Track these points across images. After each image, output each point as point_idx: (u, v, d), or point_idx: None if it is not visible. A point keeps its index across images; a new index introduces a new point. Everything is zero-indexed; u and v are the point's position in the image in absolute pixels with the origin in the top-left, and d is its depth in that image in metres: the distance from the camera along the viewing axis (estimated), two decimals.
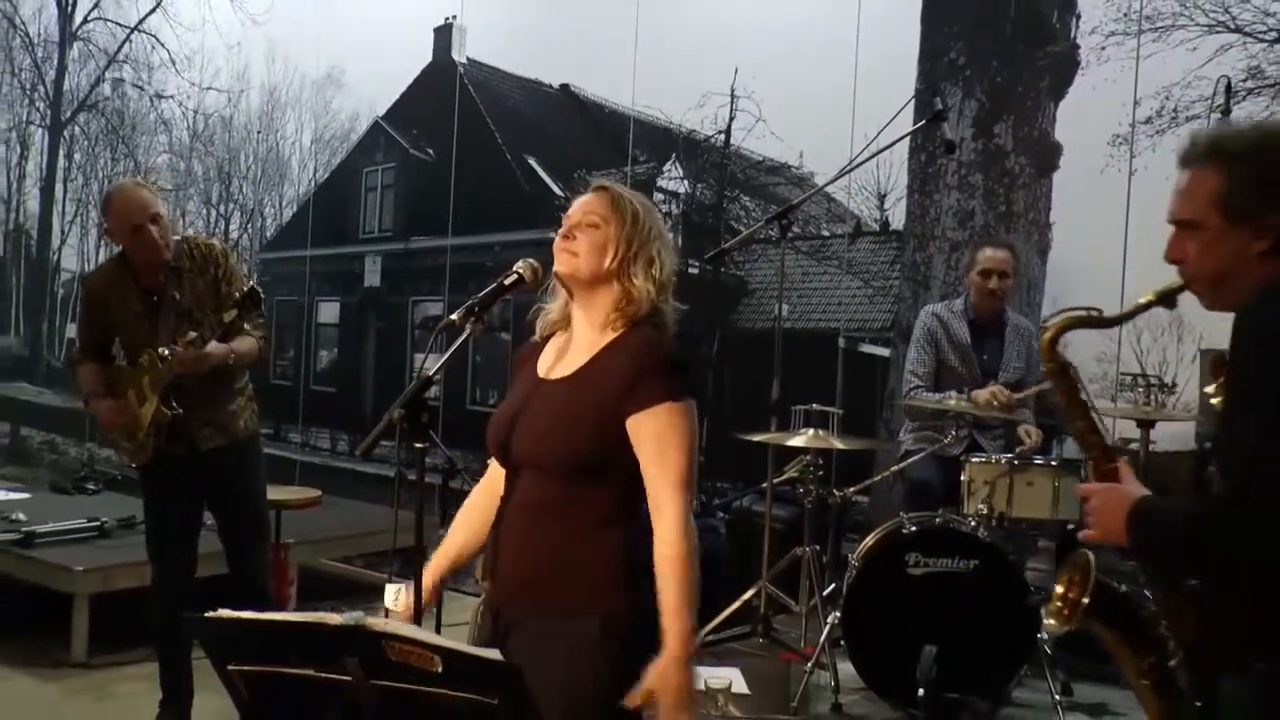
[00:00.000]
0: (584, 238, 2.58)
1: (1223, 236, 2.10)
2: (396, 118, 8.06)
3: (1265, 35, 4.97)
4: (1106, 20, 5.36)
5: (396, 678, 2.04)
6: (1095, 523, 2.18)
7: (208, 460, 4.53)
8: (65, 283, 10.59)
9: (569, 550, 2.51)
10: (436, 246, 7.58)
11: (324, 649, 2.07)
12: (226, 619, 2.16)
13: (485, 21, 7.55)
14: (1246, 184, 2.08)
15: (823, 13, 6.06)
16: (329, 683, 2.09)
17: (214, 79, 9.33)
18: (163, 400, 4.37)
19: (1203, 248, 2.13)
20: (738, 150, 6.44)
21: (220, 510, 4.71)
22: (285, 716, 2.21)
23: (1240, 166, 2.10)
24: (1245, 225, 2.08)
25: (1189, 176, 2.16)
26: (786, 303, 5.45)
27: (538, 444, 2.56)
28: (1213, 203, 2.10)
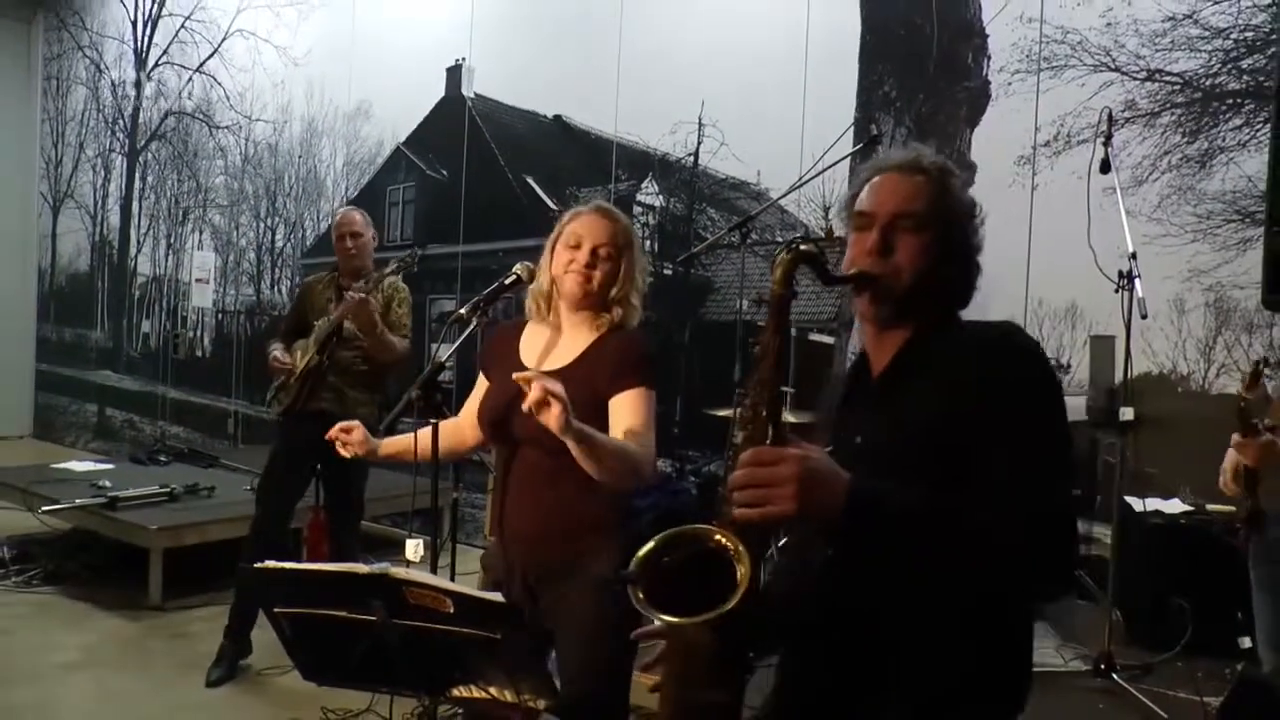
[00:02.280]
0: (601, 270, 2.59)
1: (937, 244, 1.79)
2: (415, 144, 8.05)
3: (1138, 74, 4.99)
4: (1012, 61, 5.37)
5: (415, 618, 2.06)
6: (791, 495, 1.51)
7: (325, 424, 4.53)
8: (141, 285, 10.58)
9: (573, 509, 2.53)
10: (450, 252, 7.57)
11: (354, 594, 2.09)
12: (273, 569, 2.18)
13: (490, 62, 7.56)
14: (963, 212, 1.84)
15: (776, 53, 6.06)
16: (358, 622, 2.10)
17: (262, 112, 9.33)
18: (318, 349, 4.54)
19: (922, 247, 1.78)
20: (704, 170, 6.44)
21: (327, 486, 4.80)
22: (322, 650, 2.22)
23: (960, 192, 1.83)
24: (950, 246, 1.80)
25: (913, 180, 1.81)
26: (746, 299, 5.46)
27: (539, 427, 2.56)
28: (938, 212, 1.80)
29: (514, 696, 2.09)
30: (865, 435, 1.83)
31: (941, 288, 1.81)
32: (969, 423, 1.64)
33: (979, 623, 1.67)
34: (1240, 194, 4.64)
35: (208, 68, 9.82)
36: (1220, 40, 4.80)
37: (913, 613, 1.66)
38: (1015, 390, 1.65)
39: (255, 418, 9.11)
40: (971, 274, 1.85)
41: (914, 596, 1.63)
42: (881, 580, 1.65)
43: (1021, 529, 1.55)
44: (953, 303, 1.84)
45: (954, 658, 1.68)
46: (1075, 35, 5.16)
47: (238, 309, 9.61)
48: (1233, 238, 4.62)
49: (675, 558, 1.66)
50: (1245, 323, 4.60)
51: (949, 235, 1.80)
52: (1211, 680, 3.83)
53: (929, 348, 1.79)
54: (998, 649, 1.72)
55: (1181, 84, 4.90)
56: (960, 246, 1.82)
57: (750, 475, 1.55)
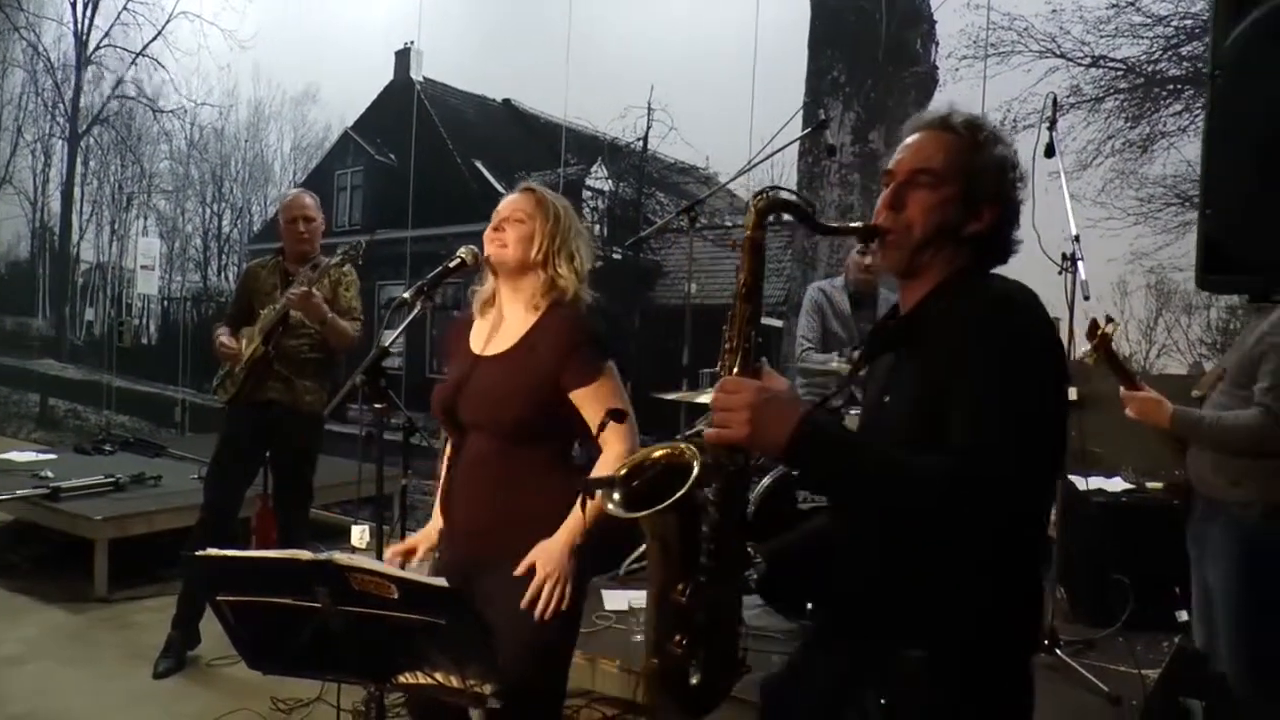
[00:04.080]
0: (512, 231, 2.60)
1: (952, 201, 1.81)
2: (363, 128, 7.99)
3: (1082, 61, 5.06)
4: (960, 47, 5.42)
5: (360, 604, 2.05)
6: (745, 421, 1.64)
7: (274, 413, 4.59)
8: (84, 272, 10.43)
9: (518, 499, 2.53)
10: (398, 237, 7.54)
11: (298, 581, 2.08)
12: (216, 556, 2.17)
13: (439, 45, 7.51)
14: (987, 166, 1.82)
15: (725, 38, 6.06)
16: (303, 610, 2.10)
17: (208, 96, 9.21)
18: (263, 339, 4.50)
19: (929, 203, 1.82)
20: (654, 154, 6.45)
21: (276, 469, 4.78)
22: (267, 639, 2.21)
23: (991, 149, 1.84)
24: (971, 204, 1.82)
25: (936, 136, 1.85)
26: (695, 282, 5.47)
27: (482, 411, 2.57)
28: (957, 168, 1.82)
29: (460, 682, 2.09)
30: (890, 394, 1.89)
31: (961, 242, 1.83)
32: (950, 385, 1.69)
33: (986, 570, 1.70)
34: (1180, 178, 4.72)
35: (151, 51, 9.67)
36: (1161, 27, 4.88)
37: (919, 560, 1.70)
38: (982, 354, 1.67)
39: (203, 406, 9.02)
40: (1003, 229, 1.86)
41: (918, 545, 1.67)
42: (888, 532, 1.72)
43: (936, 489, 1.58)
44: (983, 256, 1.86)
45: (963, 604, 1.71)
46: (1022, 22, 5.22)
47: (184, 296, 9.50)
48: (1173, 221, 4.70)
49: (645, 479, 1.87)
50: (1185, 304, 4.69)
51: (972, 191, 1.82)
52: (1150, 653, 3.91)
53: (943, 304, 1.81)
54: (1006, 595, 1.75)
55: (1124, 70, 4.97)
56: (988, 201, 1.82)
57: (715, 401, 1.70)
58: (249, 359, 4.51)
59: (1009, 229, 1.87)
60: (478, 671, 2.07)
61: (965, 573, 1.69)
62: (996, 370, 1.65)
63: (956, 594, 1.71)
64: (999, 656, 1.77)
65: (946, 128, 1.85)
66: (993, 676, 1.76)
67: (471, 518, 2.60)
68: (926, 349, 1.78)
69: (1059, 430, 1.71)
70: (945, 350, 1.72)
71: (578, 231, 2.68)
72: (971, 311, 1.73)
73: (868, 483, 1.64)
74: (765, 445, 1.67)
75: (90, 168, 10.37)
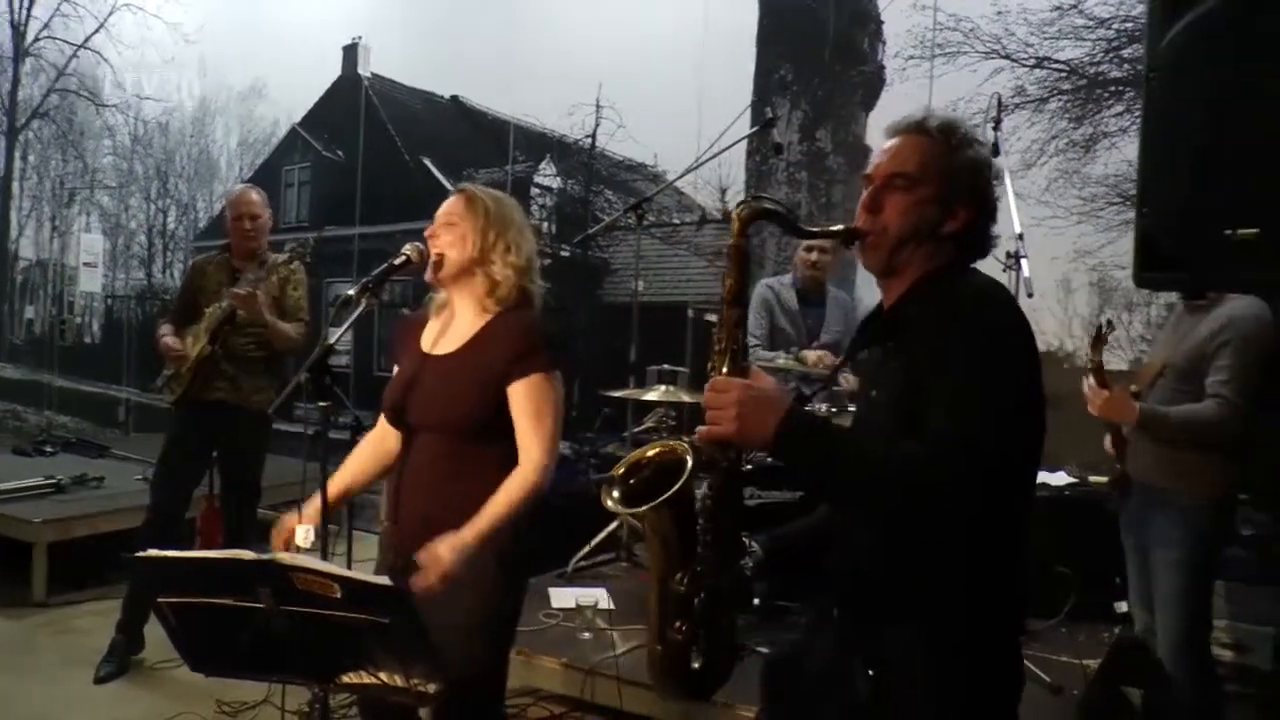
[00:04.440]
0: (444, 235, 2.60)
1: (928, 202, 1.87)
2: (311, 124, 7.92)
3: (1027, 62, 5.13)
4: (907, 47, 5.47)
5: (303, 603, 2.03)
6: (734, 417, 1.72)
7: (221, 413, 4.52)
8: (24, 269, 10.24)
9: (462, 500, 2.51)
10: (346, 235, 7.49)
11: (240, 581, 2.06)
12: (156, 557, 2.14)
13: (387, 41, 7.47)
14: (965, 167, 1.89)
15: (673, 36, 6.08)
16: (245, 610, 2.08)
17: (152, 90, 9.07)
18: (210, 339, 4.42)
19: (906, 205, 1.87)
20: (602, 152, 6.45)
21: (223, 469, 4.71)
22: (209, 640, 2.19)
23: (966, 151, 1.90)
24: (946, 204, 1.87)
25: (912, 140, 1.91)
26: (643, 280, 5.48)
27: (430, 410, 2.56)
28: (934, 168, 1.87)
29: (404, 681, 2.08)
30: (877, 389, 1.96)
31: (939, 241, 1.88)
32: (928, 381, 1.74)
33: (970, 553, 1.75)
34: (1122, 177, 4.79)
35: (93, 43, 9.53)
36: (1103, 30, 4.95)
37: (905, 543, 1.78)
38: (957, 349, 1.73)
39: (148, 406, 8.90)
40: (979, 226, 1.91)
41: (902, 530, 1.76)
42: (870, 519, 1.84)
43: (910, 478, 1.66)
44: (961, 253, 1.91)
45: (947, 585, 1.77)
46: (968, 23, 5.27)
47: (128, 294, 9.37)
48: (1115, 219, 4.78)
49: (641, 476, 1.95)
50: (1126, 301, 4.77)
51: (947, 192, 1.87)
52: (1091, 644, 3.98)
53: (922, 301, 1.86)
54: (990, 577, 1.80)
55: (1068, 71, 5.04)
56: (963, 202, 1.88)
57: (706, 400, 1.78)
58: (195, 359, 4.45)
59: (985, 226, 1.93)
60: (422, 671, 2.05)
61: (949, 555, 1.75)
62: (970, 364, 1.71)
63: (941, 575, 1.77)
64: (984, 635, 1.81)
65: (922, 131, 1.91)
66: (978, 654, 1.81)
67: (417, 517, 2.59)
68: (907, 345, 1.84)
69: (1033, 419, 1.77)
70: (923, 347, 1.78)
71: (513, 223, 2.66)
72: (948, 308, 1.78)
73: (847, 473, 1.71)
74: (753, 439, 1.74)
75: (30, 162, 10.19)
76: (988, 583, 1.80)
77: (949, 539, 1.72)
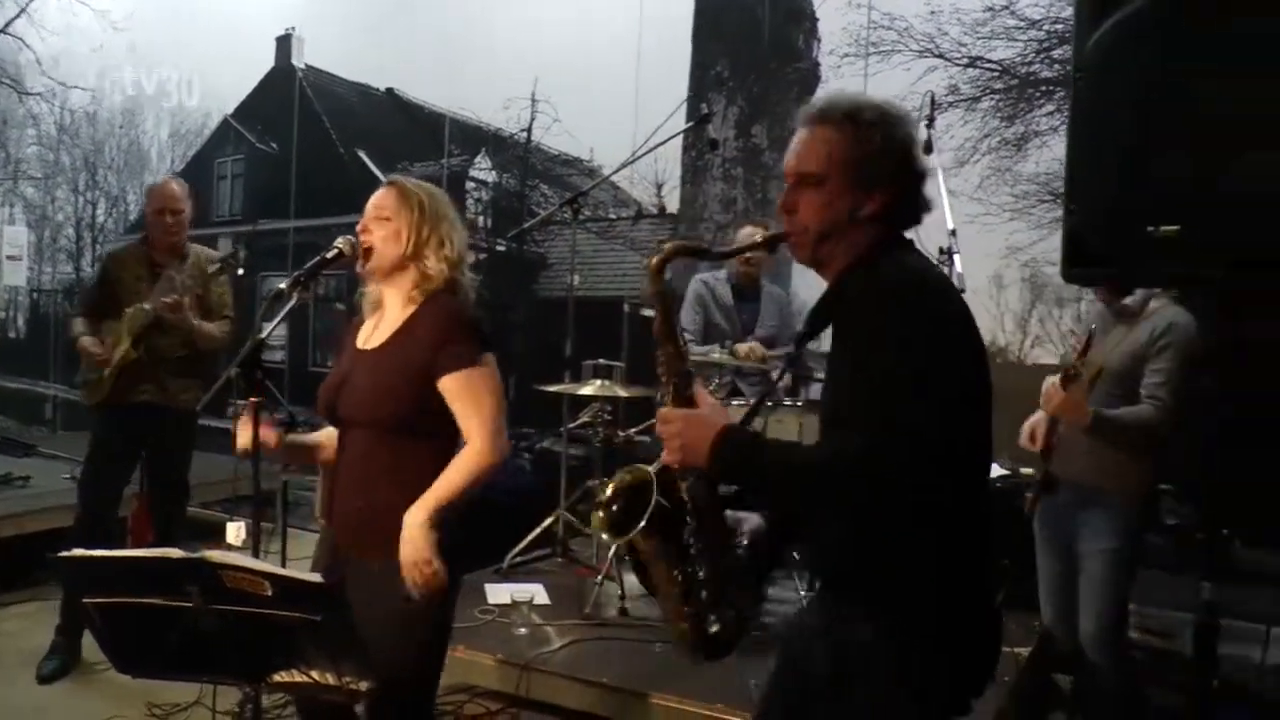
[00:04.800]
0: (377, 230, 2.56)
1: (839, 195, 1.87)
2: (244, 116, 7.83)
3: (960, 61, 5.20)
4: (842, 45, 5.51)
5: (233, 602, 2.00)
6: (678, 447, 1.81)
7: (147, 414, 4.39)
8: None
9: (396, 497, 2.48)
10: (281, 228, 7.40)
11: (169, 580, 2.02)
12: (81, 556, 2.09)
13: (321, 32, 7.39)
14: (870, 151, 1.86)
15: (609, 32, 6.08)
16: (174, 610, 2.04)
17: (79, 78, 8.87)
18: (133, 343, 4.28)
19: (818, 203, 1.88)
20: (538, 146, 6.45)
21: (150, 469, 4.58)
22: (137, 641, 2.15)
23: (867, 133, 1.86)
24: (860, 188, 1.86)
25: (815, 133, 1.90)
26: (578, 274, 5.47)
27: (360, 406, 2.53)
28: (836, 161, 1.87)
29: (336, 679, 2.06)
30: (827, 377, 2.01)
31: (859, 225, 1.88)
32: (847, 374, 1.82)
33: (926, 539, 1.80)
34: (1052, 176, 4.87)
35: (14, 28, 9.29)
36: (1034, 31, 5.03)
37: (863, 536, 1.86)
38: (868, 345, 1.76)
39: (75, 403, 8.70)
40: (901, 203, 1.90)
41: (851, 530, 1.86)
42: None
43: (818, 474, 1.73)
44: (889, 231, 1.91)
45: (906, 572, 1.83)
46: (902, 21, 5.32)
47: (55, 288, 9.18)
48: (1045, 217, 4.86)
49: (620, 502, 2.00)
50: (1056, 297, 4.85)
51: (858, 179, 1.87)
52: (1021, 632, 4.03)
53: (849, 288, 1.89)
54: (947, 563, 1.86)
55: (1000, 71, 5.11)
56: (879, 184, 1.87)
57: (657, 430, 1.88)
58: (118, 364, 4.35)
59: (910, 199, 1.92)
60: (353, 668, 2.03)
61: (905, 542, 1.80)
62: (877, 360, 1.73)
63: (899, 562, 1.82)
64: (941, 619, 1.86)
65: (825, 121, 1.89)
66: (934, 637, 1.86)
67: (350, 513, 2.56)
68: (838, 333, 1.89)
69: (954, 409, 1.76)
70: (850, 335, 1.84)
71: (445, 217, 2.63)
72: (873, 295, 1.80)
73: (780, 481, 1.78)
74: (695, 463, 1.82)
75: None
76: (945, 568, 1.84)
77: (899, 525, 1.76)
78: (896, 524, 1.75)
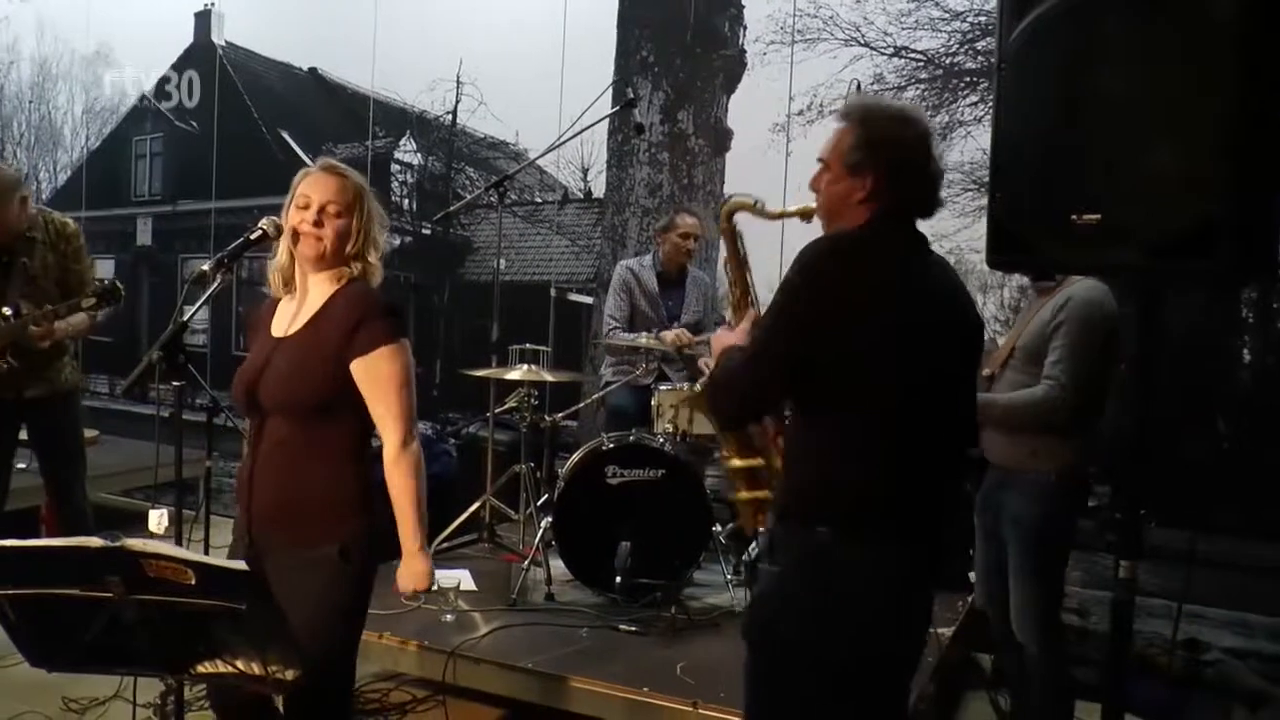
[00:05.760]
0: (330, 226, 2.53)
1: (838, 179, 2.25)
2: (163, 92, 7.62)
3: (885, 50, 5.24)
4: (767, 32, 5.53)
5: (155, 591, 1.97)
6: (714, 354, 2.41)
7: (32, 408, 4.31)
8: None
9: (312, 485, 2.46)
10: (202, 209, 7.26)
11: (87, 570, 1.98)
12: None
13: (241, 8, 7.22)
14: (861, 143, 2.22)
15: (534, 14, 6.03)
16: (92, 600, 2.00)
17: None
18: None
19: (826, 185, 2.29)
20: (463, 128, 6.38)
21: (44, 453, 4.48)
22: (52, 634, 2.10)
23: (863, 129, 2.23)
24: (853, 174, 2.22)
25: (837, 128, 2.29)
26: (505, 258, 5.46)
27: (278, 393, 2.49)
28: (839, 152, 2.25)
29: (261, 668, 2.03)
30: None
31: (857, 207, 2.25)
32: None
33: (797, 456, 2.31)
34: (976, 165, 4.94)
35: None
36: (958, 22, 5.09)
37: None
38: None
39: None
40: (890, 186, 2.23)
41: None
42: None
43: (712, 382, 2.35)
44: (884, 213, 2.25)
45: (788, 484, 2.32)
46: (827, 10, 5.35)
47: None
48: (970, 205, 4.92)
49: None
50: (981, 283, 4.92)
51: (850, 166, 2.23)
52: (946, 612, 4.10)
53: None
54: (815, 480, 2.24)
55: (924, 61, 5.17)
56: (868, 170, 2.22)
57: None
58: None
59: (899, 184, 2.24)
60: (279, 657, 2.01)
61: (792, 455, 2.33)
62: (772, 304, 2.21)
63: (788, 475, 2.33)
64: (813, 535, 2.17)
65: (843, 118, 2.29)
66: (809, 554, 2.18)
67: (265, 502, 2.52)
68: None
69: (784, 345, 2.16)
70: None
71: (379, 215, 2.65)
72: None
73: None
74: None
75: None
76: (813, 483, 2.22)
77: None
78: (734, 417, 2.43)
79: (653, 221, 5.69)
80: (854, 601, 2.13)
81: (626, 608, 4.13)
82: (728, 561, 4.50)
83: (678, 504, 4.28)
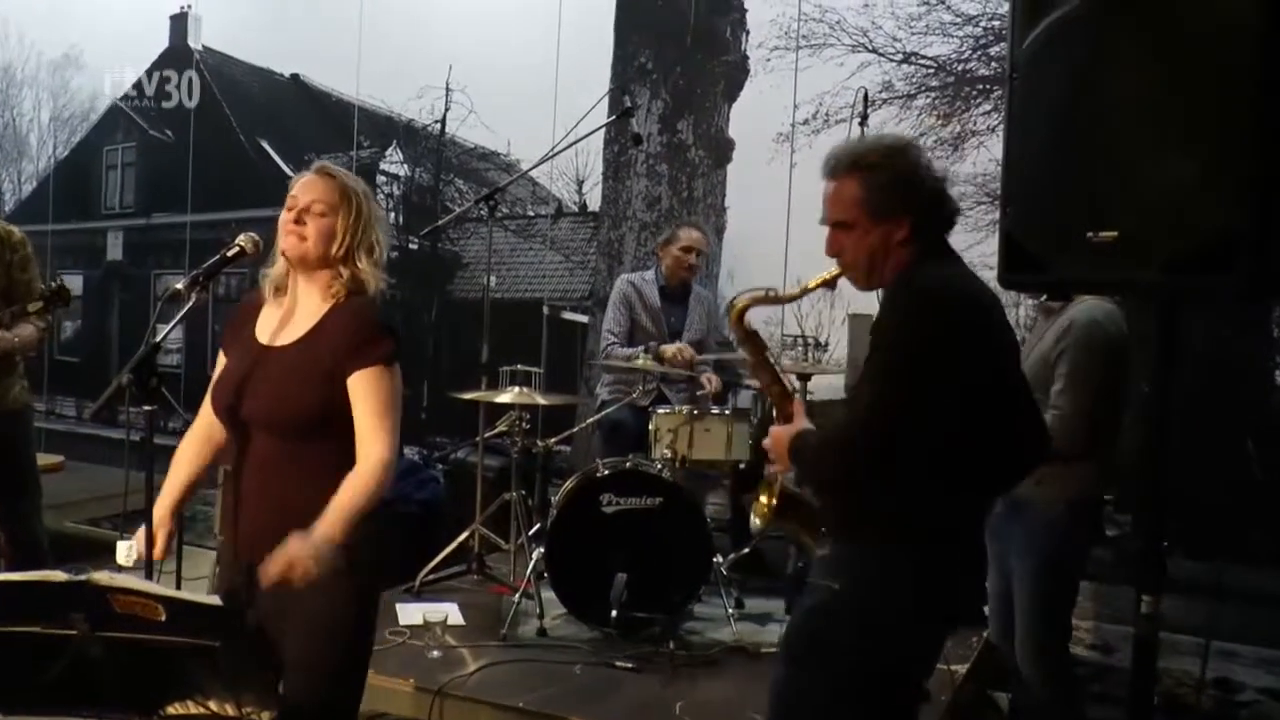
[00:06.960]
0: (313, 224, 2.52)
1: (870, 232, 2.31)
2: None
3: (894, 56, 5.27)
4: (771, 37, 5.56)
5: (123, 628, 1.97)
6: (774, 458, 2.42)
7: None
8: None
9: (306, 499, 2.44)
10: (177, 222, 7.27)
11: (50, 605, 1.98)
12: None
13: (219, 11, 7.25)
14: (883, 188, 2.29)
15: (527, 19, 6.06)
16: (55, 638, 1.99)
17: None
18: None
19: (855, 243, 2.34)
20: (452, 138, 6.40)
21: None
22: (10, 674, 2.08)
23: (876, 175, 2.30)
24: (885, 221, 2.30)
25: (835, 185, 2.36)
26: (495, 275, 5.46)
27: (270, 407, 2.49)
28: (858, 206, 2.31)
29: (235, 709, 2.03)
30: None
31: (896, 249, 2.32)
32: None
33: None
34: (990, 177, 4.95)
35: None
36: (971, 27, 5.11)
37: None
38: (878, 333, 2.24)
39: None
40: (927, 220, 2.33)
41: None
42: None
43: (834, 450, 2.30)
44: (923, 245, 2.33)
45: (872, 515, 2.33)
46: (834, 14, 5.38)
47: None
48: (983, 219, 4.92)
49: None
50: None
51: (882, 214, 2.31)
52: (959, 649, 4.09)
53: (888, 301, 2.34)
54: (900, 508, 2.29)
55: (935, 68, 5.19)
56: (902, 213, 2.30)
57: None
58: None
59: (933, 213, 2.34)
60: (255, 698, 2.01)
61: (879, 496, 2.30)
62: (879, 350, 2.23)
63: (879, 508, 2.31)
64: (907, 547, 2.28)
65: (838, 174, 2.35)
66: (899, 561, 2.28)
67: (257, 525, 2.52)
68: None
69: (921, 403, 2.16)
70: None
71: (377, 219, 2.63)
72: (882, 312, 2.29)
73: (809, 461, 2.35)
74: (788, 469, 2.45)
75: None
76: (929, 512, 2.25)
77: (881, 484, 2.25)
78: (877, 483, 2.23)
79: (651, 236, 5.72)
80: (916, 625, 2.29)
81: (622, 643, 4.12)
82: (729, 594, 4.50)
83: (676, 533, 4.27)
